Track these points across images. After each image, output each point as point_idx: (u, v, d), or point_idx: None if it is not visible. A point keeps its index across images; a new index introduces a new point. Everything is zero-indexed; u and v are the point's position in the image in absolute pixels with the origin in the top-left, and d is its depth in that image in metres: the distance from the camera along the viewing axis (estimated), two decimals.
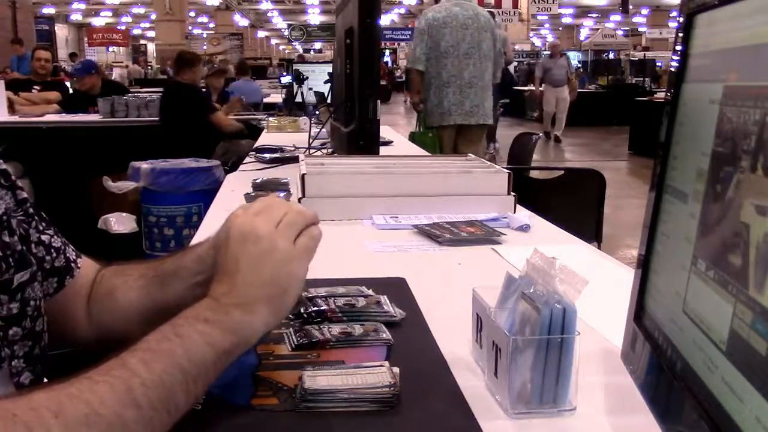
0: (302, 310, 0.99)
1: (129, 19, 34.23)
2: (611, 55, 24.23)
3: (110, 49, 29.90)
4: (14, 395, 0.55)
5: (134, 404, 0.56)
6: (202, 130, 4.90)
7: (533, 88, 13.09)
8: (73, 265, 0.87)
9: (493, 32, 4.67)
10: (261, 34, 39.47)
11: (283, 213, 0.72)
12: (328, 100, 3.03)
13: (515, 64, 26.28)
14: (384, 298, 1.03)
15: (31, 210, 0.83)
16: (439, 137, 4.53)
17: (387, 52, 28.35)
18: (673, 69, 0.62)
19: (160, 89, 6.02)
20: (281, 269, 0.69)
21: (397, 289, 1.11)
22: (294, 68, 5.64)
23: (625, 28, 32.78)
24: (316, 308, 0.98)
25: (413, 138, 4.42)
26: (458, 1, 4.57)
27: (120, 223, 4.13)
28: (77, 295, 0.87)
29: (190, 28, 26.80)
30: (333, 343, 0.89)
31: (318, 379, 0.75)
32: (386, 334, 0.92)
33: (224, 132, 5.01)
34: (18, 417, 0.50)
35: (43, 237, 0.84)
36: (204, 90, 5.94)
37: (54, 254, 0.85)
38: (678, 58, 0.61)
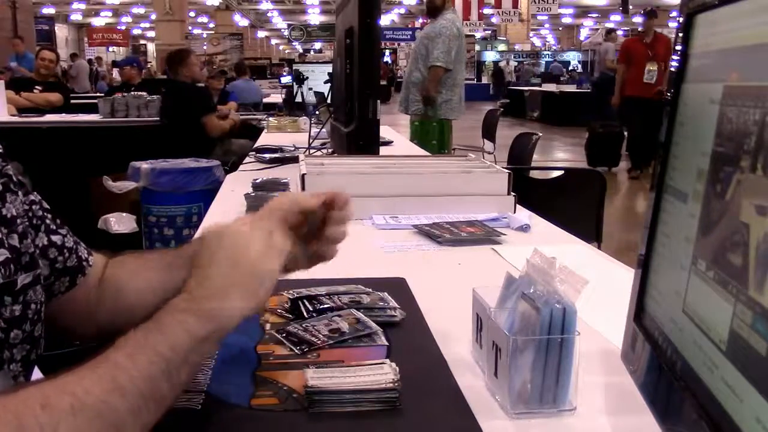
0: (310, 308, 0.99)
1: (129, 19, 34.21)
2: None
3: (110, 49, 29.87)
4: (3, 391, 0.58)
5: (120, 393, 0.57)
6: (202, 129, 4.89)
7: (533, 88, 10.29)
8: (85, 263, 0.88)
9: None
10: (261, 34, 39.43)
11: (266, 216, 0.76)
12: (328, 100, 3.03)
13: (515, 64, 26.30)
14: (386, 295, 1.04)
15: (41, 212, 0.84)
16: (445, 126, 5.21)
17: (387, 52, 28.33)
18: (673, 69, 0.62)
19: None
20: (256, 262, 0.70)
21: (397, 289, 1.11)
22: (294, 68, 5.66)
23: (625, 28, 32.75)
24: (321, 306, 0.99)
25: (421, 125, 5.07)
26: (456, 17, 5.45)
27: (120, 223, 4.12)
28: (87, 292, 0.88)
29: (190, 28, 26.76)
30: (331, 344, 0.89)
31: (322, 378, 0.75)
32: (382, 339, 0.91)
33: (211, 135, 4.97)
34: (7, 408, 0.52)
35: (55, 237, 0.85)
36: (203, 88, 5.93)
37: (66, 254, 0.86)
38: (678, 58, 0.61)
